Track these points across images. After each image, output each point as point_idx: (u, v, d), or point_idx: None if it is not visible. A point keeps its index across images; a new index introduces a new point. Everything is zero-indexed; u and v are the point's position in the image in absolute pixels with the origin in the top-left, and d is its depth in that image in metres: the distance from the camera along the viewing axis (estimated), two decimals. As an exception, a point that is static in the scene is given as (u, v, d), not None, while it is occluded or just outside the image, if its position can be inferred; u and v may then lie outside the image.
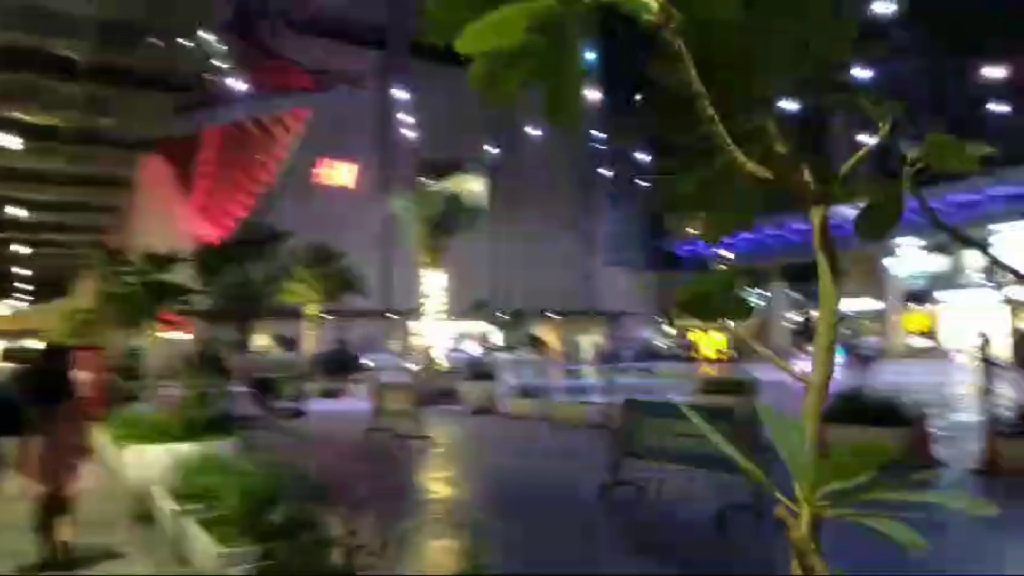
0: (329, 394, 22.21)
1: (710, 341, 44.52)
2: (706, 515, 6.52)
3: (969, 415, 13.97)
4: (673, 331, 53.76)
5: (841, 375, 24.95)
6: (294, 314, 32.46)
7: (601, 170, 56.52)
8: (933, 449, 9.07)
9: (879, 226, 1.76)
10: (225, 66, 30.47)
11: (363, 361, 27.05)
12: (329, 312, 33.34)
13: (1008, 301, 41.89)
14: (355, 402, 20.77)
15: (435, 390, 17.88)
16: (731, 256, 59.42)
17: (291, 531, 4.44)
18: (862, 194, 1.68)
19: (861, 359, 25.68)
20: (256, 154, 35.50)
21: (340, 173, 48.75)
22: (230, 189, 35.58)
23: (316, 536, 4.20)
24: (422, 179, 27.76)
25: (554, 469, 9.89)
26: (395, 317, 49.68)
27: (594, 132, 55.66)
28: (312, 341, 29.52)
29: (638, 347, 41.32)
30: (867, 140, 1.85)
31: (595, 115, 54.56)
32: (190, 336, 15.36)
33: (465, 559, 4.32)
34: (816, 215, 1.68)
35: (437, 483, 9.19)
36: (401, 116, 43.42)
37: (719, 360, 39.22)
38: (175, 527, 5.79)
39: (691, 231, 66.03)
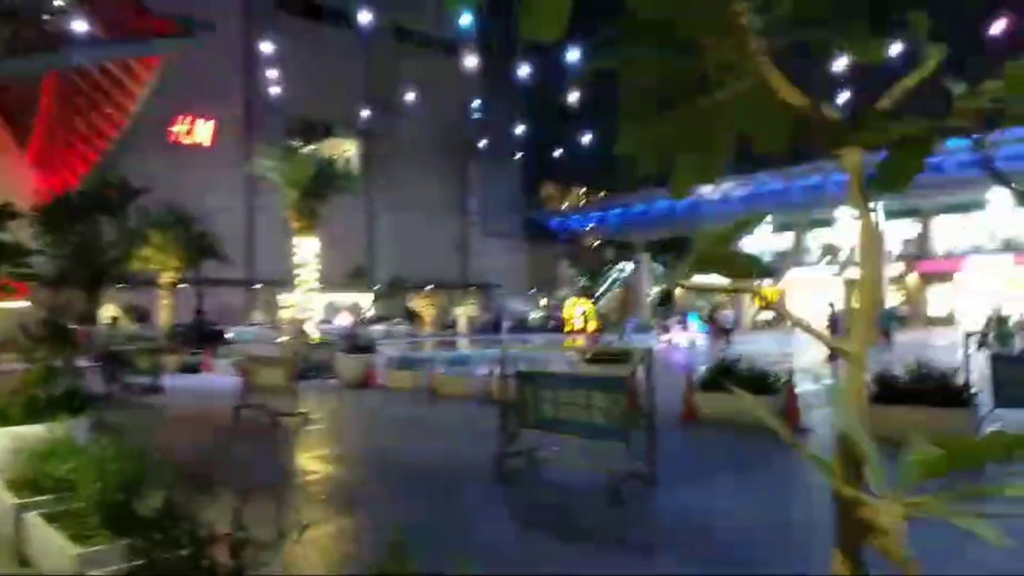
0: (189, 368, 20.76)
1: (579, 313, 45.66)
2: (595, 482, 6.52)
3: (820, 383, 15.07)
4: (543, 303, 54.82)
5: (706, 345, 26.31)
6: (148, 282, 30.05)
7: (479, 142, 56.16)
8: (803, 416, 9.61)
9: (900, 176, 1.58)
10: (67, 5, 27.24)
11: (226, 334, 25.41)
12: (187, 281, 31.15)
13: (837, 275, 45.95)
14: (218, 377, 19.55)
15: (309, 364, 17.08)
16: (590, 227, 61.21)
17: (163, 524, 3.89)
18: (901, 134, 1.48)
19: (721, 330, 27.22)
20: (101, 103, 32.16)
21: (198, 130, 45.39)
22: (71, 140, 32.06)
23: (194, 529, 3.70)
24: (291, 141, 26.25)
25: (443, 443, 9.64)
26: (259, 287, 47.37)
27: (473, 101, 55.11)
28: (168, 312, 27.46)
29: (514, 319, 41.75)
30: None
31: (475, 81, 53.99)
32: (29, 304, 13.65)
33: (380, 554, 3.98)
34: (850, 159, 1.47)
35: (321, 464, 8.68)
36: (268, 73, 40.86)
37: (590, 331, 40.36)
38: (16, 523, 5.02)
39: (563, 206, 67.33)
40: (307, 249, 22.21)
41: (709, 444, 9.18)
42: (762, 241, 51.13)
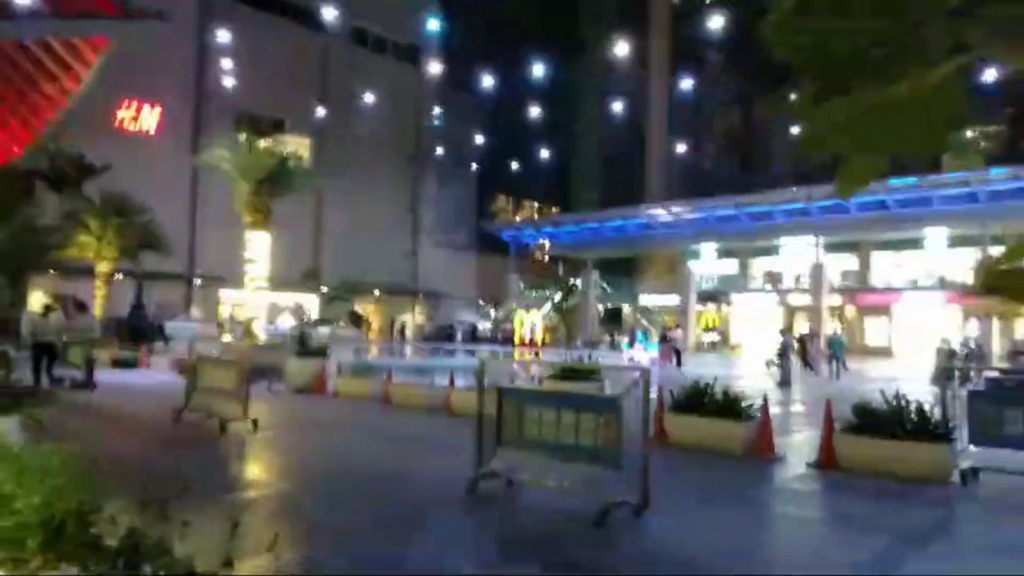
0: (124, 364, 19.61)
1: (528, 326, 45.43)
2: (582, 510, 6.13)
3: (773, 408, 15.07)
4: (494, 314, 54.41)
5: (658, 365, 26.36)
6: (81, 271, 28.45)
7: (435, 150, 55.57)
8: (777, 443, 9.47)
9: None
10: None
11: (166, 329, 24.13)
12: (124, 272, 29.63)
13: (781, 304, 47.12)
14: (155, 375, 18.54)
15: (255, 366, 16.22)
16: (547, 245, 61.36)
17: (126, 553, 3.33)
18: None
19: (673, 350, 27.33)
20: (41, 83, 30.41)
21: (144, 117, 43.52)
22: (5, 119, 30.25)
23: (168, 564, 3.15)
24: (242, 135, 25.26)
25: (406, 458, 9.12)
26: (199, 282, 45.63)
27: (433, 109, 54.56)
28: (103, 304, 25.98)
29: (465, 329, 41.24)
30: None
31: (434, 89, 53.50)
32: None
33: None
34: None
35: (277, 478, 8.08)
36: (221, 65, 39.50)
37: (539, 345, 40.17)
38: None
39: (516, 219, 67.29)
40: (258, 245, 21.31)
41: (688, 469, 8.90)
42: (707, 266, 51.98)
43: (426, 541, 5.64)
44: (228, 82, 37.66)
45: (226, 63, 37.07)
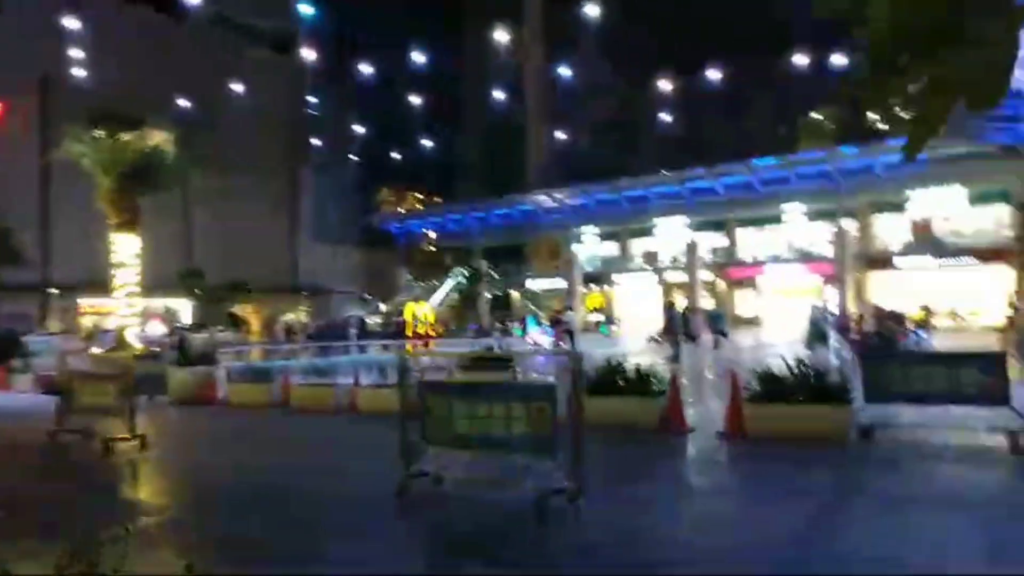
0: (-23, 386, 17.64)
1: (423, 317, 44.82)
2: (516, 501, 6.02)
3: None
4: (382, 307, 53.27)
5: (551, 347, 26.65)
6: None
7: (312, 142, 53.57)
8: (687, 416, 9.74)
9: None
10: None
11: (29, 344, 21.78)
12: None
13: (660, 282, 49.03)
14: (17, 395, 16.85)
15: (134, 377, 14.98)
16: (434, 235, 60.87)
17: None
18: None
19: (567, 332, 27.77)
20: None
21: (-19, 111, 39.19)
22: None
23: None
24: (98, 131, 23.21)
25: (323, 465, 8.65)
26: (55, 291, 41.85)
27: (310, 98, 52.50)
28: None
29: (356, 325, 40.03)
30: None
31: (310, 78, 51.51)
32: None
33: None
34: None
35: (176, 501, 7.43)
36: (72, 53, 36.18)
37: (432, 335, 39.72)
38: None
39: (400, 210, 66.19)
40: (126, 247, 19.68)
41: (606, 448, 8.94)
42: (590, 249, 53.22)
43: (368, 552, 5.33)
44: (80, 73, 34.51)
45: (77, 53, 33.95)
